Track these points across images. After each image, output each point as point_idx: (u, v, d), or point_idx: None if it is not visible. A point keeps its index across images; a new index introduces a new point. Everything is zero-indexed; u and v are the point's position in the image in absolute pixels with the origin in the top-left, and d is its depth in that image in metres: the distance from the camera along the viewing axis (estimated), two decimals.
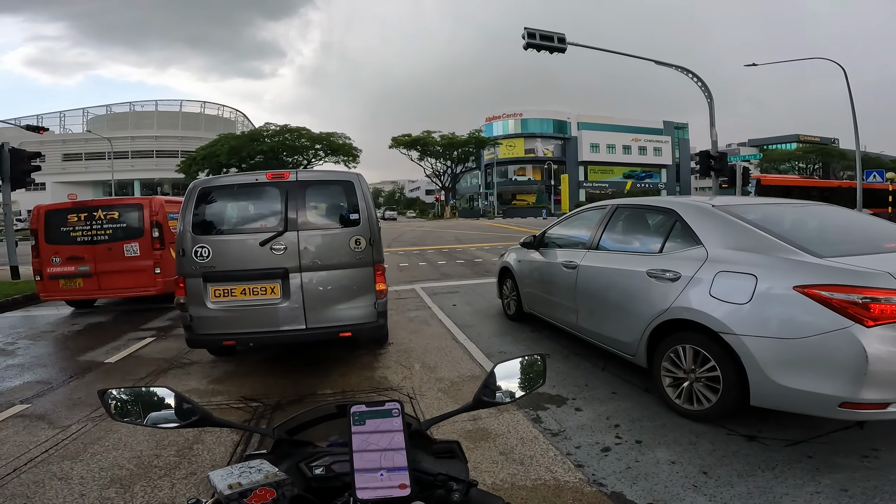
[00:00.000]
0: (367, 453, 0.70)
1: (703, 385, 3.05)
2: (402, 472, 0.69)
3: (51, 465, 2.83)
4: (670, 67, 15.90)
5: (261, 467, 0.73)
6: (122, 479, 2.66)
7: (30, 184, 11.43)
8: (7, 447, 3.07)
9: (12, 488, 2.57)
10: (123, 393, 0.93)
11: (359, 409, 0.74)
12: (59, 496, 2.50)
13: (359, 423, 0.72)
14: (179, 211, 4.16)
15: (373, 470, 0.69)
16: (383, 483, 0.68)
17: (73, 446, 3.06)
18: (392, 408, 0.74)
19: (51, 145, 49.61)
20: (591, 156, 62.21)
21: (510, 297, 6.01)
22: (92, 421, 3.42)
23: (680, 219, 3.51)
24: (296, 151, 44.14)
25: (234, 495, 0.65)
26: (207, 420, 0.92)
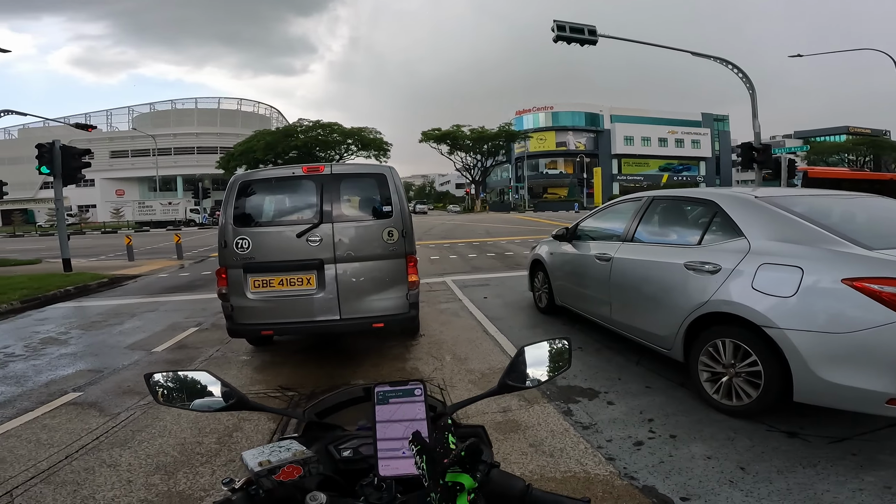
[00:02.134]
0: (389, 432, 0.72)
1: (742, 380, 2.97)
2: None
3: (101, 452, 2.93)
4: (708, 59, 15.33)
5: (290, 447, 0.76)
6: (166, 465, 2.74)
7: (80, 180, 11.99)
8: (59, 434, 3.19)
9: (63, 475, 2.66)
10: (167, 377, 0.97)
11: (382, 388, 0.75)
12: (108, 483, 2.58)
13: (382, 403, 0.74)
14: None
15: (395, 448, 0.70)
16: (405, 461, 0.69)
17: (122, 433, 3.18)
18: (414, 387, 0.75)
19: (99, 143, 51.93)
20: (625, 149, 60.73)
21: (541, 290, 5.96)
22: (140, 409, 3.56)
23: (720, 210, 3.41)
24: (328, 146, 44.85)
25: (264, 472, 0.68)
26: (243, 404, 0.96)
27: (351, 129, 45.91)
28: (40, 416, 3.49)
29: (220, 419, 3.25)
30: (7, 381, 4.25)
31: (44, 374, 4.40)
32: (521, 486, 0.70)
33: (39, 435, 3.18)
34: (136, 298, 8.25)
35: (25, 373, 4.45)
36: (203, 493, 2.45)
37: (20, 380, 4.26)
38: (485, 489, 0.70)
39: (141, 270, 11.59)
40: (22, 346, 5.36)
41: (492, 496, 0.70)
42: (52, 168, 10.91)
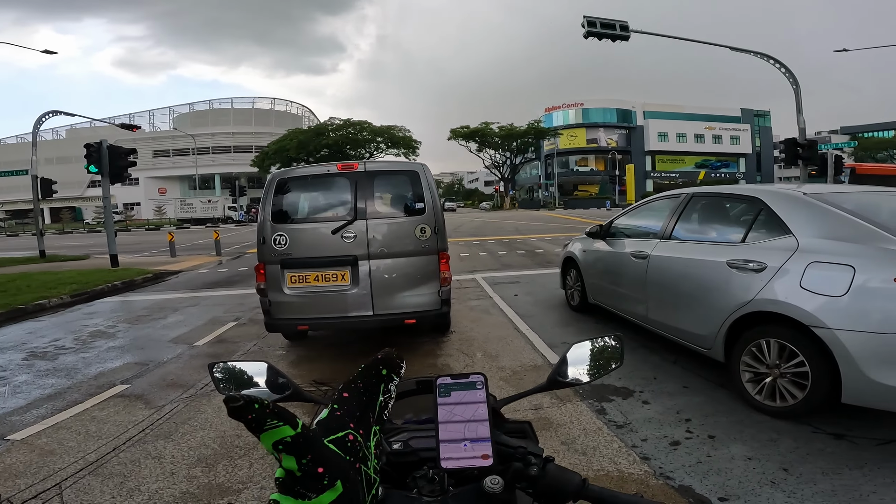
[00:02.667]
0: (451, 424, 0.72)
1: (788, 381, 2.89)
2: (486, 443, 0.70)
3: (146, 444, 3.01)
4: (748, 54, 14.78)
5: None
6: (207, 458, 2.81)
7: (126, 178, 12.49)
8: (108, 426, 3.29)
9: (111, 467, 2.74)
10: (227, 367, 1.01)
11: (444, 381, 0.75)
12: (153, 475, 2.64)
13: (444, 395, 0.74)
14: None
15: (457, 440, 0.70)
16: (466, 453, 0.69)
17: (167, 426, 3.26)
18: (476, 380, 0.75)
19: (142, 142, 54.12)
20: (660, 145, 59.22)
21: (574, 288, 5.89)
22: (183, 401, 3.65)
23: (766, 207, 3.30)
24: (359, 144, 45.45)
25: None
26: (298, 395, 0.98)
27: (380, 128, 46.38)
28: (90, 407, 3.63)
29: None
30: (58, 373, 4.46)
31: (93, 367, 4.59)
32: (577, 481, 0.69)
33: (89, 427, 3.30)
34: (179, 293, 8.57)
35: (76, 365, 4.67)
36: (241, 486, 2.50)
37: (70, 372, 4.46)
38: (539, 483, 0.70)
39: (182, 266, 12.04)
40: (72, 339, 5.63)
41: (547, 490, 0.70)
42: (100, 167, 11.36)
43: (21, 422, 3.41)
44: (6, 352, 5.21)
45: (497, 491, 0.67)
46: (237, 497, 2.41)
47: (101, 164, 11.34)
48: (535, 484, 0.70)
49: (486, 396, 0.74)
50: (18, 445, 3.04)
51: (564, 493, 0.69)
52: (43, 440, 3.11)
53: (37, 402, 3.75)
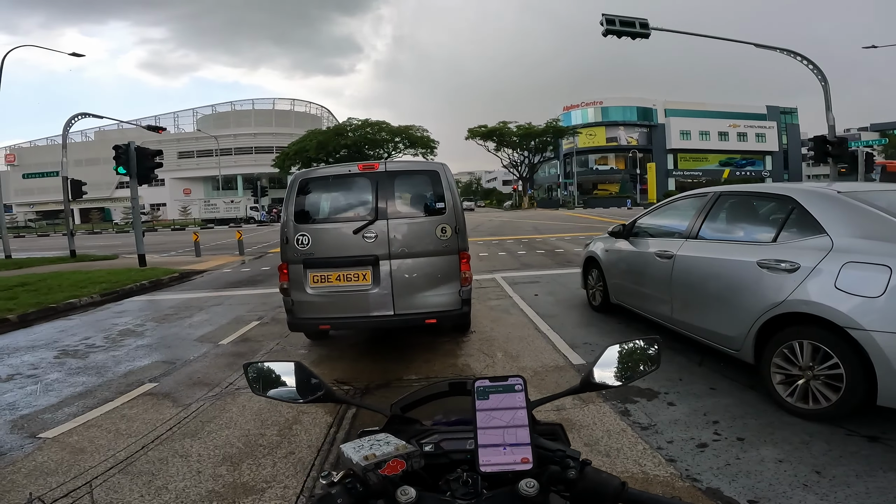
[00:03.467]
0: (489, 427, 0.71)
1: (821, 383, 2.83)
2: (525, 447, 0.70)
3: (173, 442, 3.04)
4: (774, 51, 14.40)
5: (388, 440, 0.76)
6: (232, 456, 2.84)
7: (153, 179, 12.77)
8: (137, 424, 3.33)
9: (140, 465, 2.77)
10: (261, 367, 1.02)
11: (482, 383, 0.75)
12: (179, 473, 2.66)
13: (482, 398, 0.73)
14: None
15: (495, 444, 0.70)
16: (506, 457, 0.69)
17: (193, 424, 3.30)
18: (515, 383, 0.74)
19: (167, 144, 55.33)
20: (682, 143, 57.99)
21: (595, 288, 5.82)
22: (208, 400, 3.71)
23: (798, 206, 3.22)
24: (377, 144, 45.72)
25: (371, 466, 0.69)
26: (330, 396, 0.99)
27: (398, 128, 46.57)
28: (119, 406, 3.69)
29: (281, 411, 3.38)
30: (89, 371, 4.55)
31: (122, 365, 4.68)
32: (615, 484, 0.68)
33: (118, 425, 3.35)
34: (204, 293, 8.75)
35: (106, 363, 4.78)
36: (265, 485, 2.52)
37: (101, 370, 4.55)
38: (577, 486, 0.69)
39: (207, 266, 12.30)
40: (102, 338, 5.79)
41: (584, 494, 0.69)
42: (128, 168, 11.65)
43: (53, 420, 3.48)
44: (38, 350, 5.37)
45: (532, 494, 0.66)
46: (261, 496, 2.43)
47: (129, 165, 11.63)
48: (573, 487, 0.69)
49: (526, 399, 0.74)
50: (50, 443, 3.09)
51: (602, 496, 0.68)
52: (74, 438, 3.17)
53: (68, 401, 3.83)
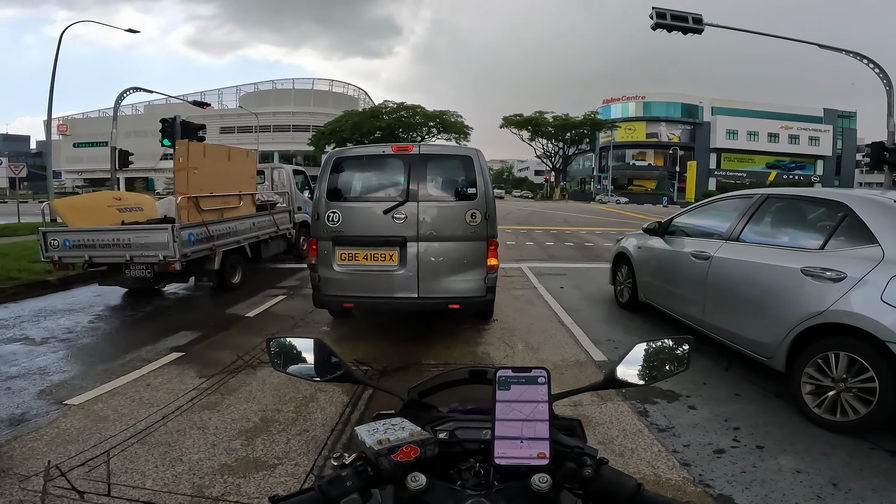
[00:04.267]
0: (509, 420, 0.69)
1: (852, 395, 2.75)
2: (543, 442, 0.67)
3: (193, 414, 3.06)
4: (839, 52, 13.58)
5: (403, 425, 0.74)
6: (247, 431, 2.85)
7: None
8: (160, 394, 3.36)
9: (158, 436, 2.77)
10: (283, 342, 1.02)
11: (505, 373, 0.72)
12: (195, 446, 2.68)
13: (504, 388, 0.71)
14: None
15: (513, 436, 0.68)
16: (522, 451, 0.67)
17: (213, 397, 3.32)
18: (538, 375, 0.71)
19: (211, 119, 56.69)
20: (727, 143, 56.06)
21: (624, 285, 5.69)
22: (230, 373, 3.74)
23: (851, 213, 3.05)
24: (411, 128, 45.73)
25: (384, 451, 0.67)
26: (349, 376, 0.97)
27: (433, 112, 46.41)
28: (145, 374, 3.73)
29: (299, 388, 3.43)
30: (120, 336, 4.68)
31: (153, 332, 4.76)
32: (631, 486, 0.66)
33: (143, 394, 3.38)
34: None
35: (137, 330, 4.91)
36: (276, 461, 2.54)
37: (131, 337, 4.66)
38: (592, 486, 0.66)
39: None
40: (136, 304, 5.98)
41: (599, 493, 0.66)
42: (173, 141, 12.04)
43: (81, 386, 3.51)
44: (76, 313, 5.53)
45: (544, 490, 0.64)
46: (272, 472, 2.45)
47: (174, 137, 12.03)
48: (587, 486, 0.66)
49: (549, 393, 0.70)
50: (75, 410, 3.12)
51: (617, 497, 0.66)
52: (98, 406, 3.19)
53: (97, 367, 3.89)
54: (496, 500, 0.64)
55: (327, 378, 0.96)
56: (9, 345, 4.39)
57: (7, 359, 4.03)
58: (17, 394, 3.36)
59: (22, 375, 3.68)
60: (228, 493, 2.27)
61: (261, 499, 2.22)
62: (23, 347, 4.33)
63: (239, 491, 2.29)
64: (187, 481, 2.35)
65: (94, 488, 2.24)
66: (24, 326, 4.95)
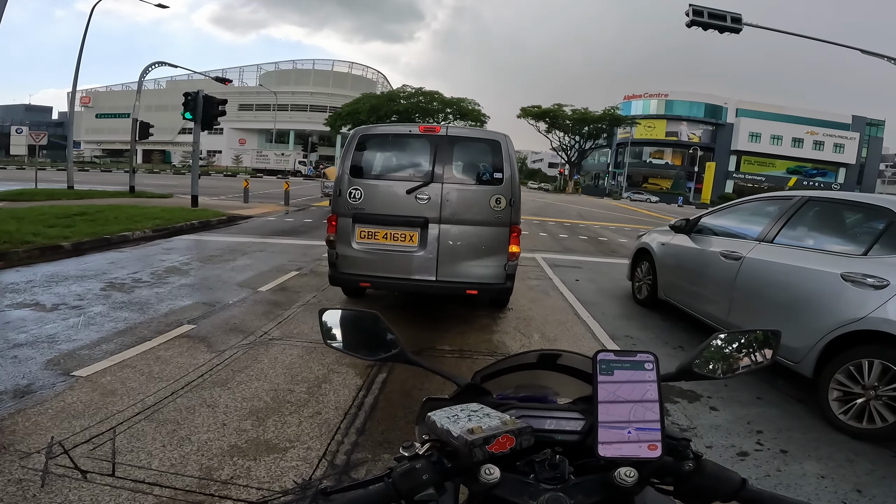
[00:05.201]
0: (613, 408, 0.62)
1: (882, 403, 2.73)
2: (654, 433, 0.60)
3: (203, 390, 2.96)
4: (881, 58, 13.09)
5: (486, 412, 0.68)
6: (258, 411, 2.76)
7: (215, 127, 13.22)
8: (170, 368, 3.25)
9: (166, 413, 2.67)
10: (337, 314, 0.94)
11: (607, 356, 0.65)
12: (205, 424, 2.58)
13: (606, 373, 0.64)
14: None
15: (620, 427, 0.61)
16: (630, 441, 0.60)
17: (224, 373, 3.22)
18: (645, 360, 0.64)
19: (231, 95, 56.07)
20: (750, 146, 54.93)
21: (643, 281, 5.58)
22: (241, 348, 3.65)
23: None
24: (428, 113, 45.38)
25: (479, 441, 0.59)
26: (403, 357, 0.90)
27: (450, 99, 46.01)
28: (156, 346, 3.61)
29: (312, 368, 3.37)
30: (132, 306, 4.51)
31: (164, 303, 4.65)
32: (736, 481, 0.60)
33: (152, 367, 3.26)
34: (249, 237, 9.00)
35: (149, 300, 4.74)
36: (288, 444, 2.45)
37: (143, 307, 4.52)
38: (692, 481, 0.61)
39: (253, 212, 12.67)
40: (149, 273, 5.92)
41: (698, 489, 0.61)
42: (195, 114, 12.18)
43: (89, 356, 3.37)
44: (87, 280, 5.43)
45: (629, 485, 0.58)
46: (283, 455, 2.36)
47: (196, 111, 12.16)
48: (686, 482, 0.61)
49: (658, 378, 0.63)
50: (82, 383, 2.98)
51: (718, 493, 0.60)
52: (107, 378, 3.06)
53: (107, 337, 3.75)
54: (573, 494, 0.59)
55: (381, 357, 0.89)
56: (19, 310, 4.26)
57: (16, 325, 3.87)
58: (23, 363, 3.19)
59: (30, 343, 3.52)
60: (238, 477, 2.16)
61: (271, 483, 2.13)
62: (33, 313, 4.18)
63: (249, 475, 2.18)
64: (195, 462, 2.25)
65: (98, 468, 2.14)
66: (34, 291, 4.85)
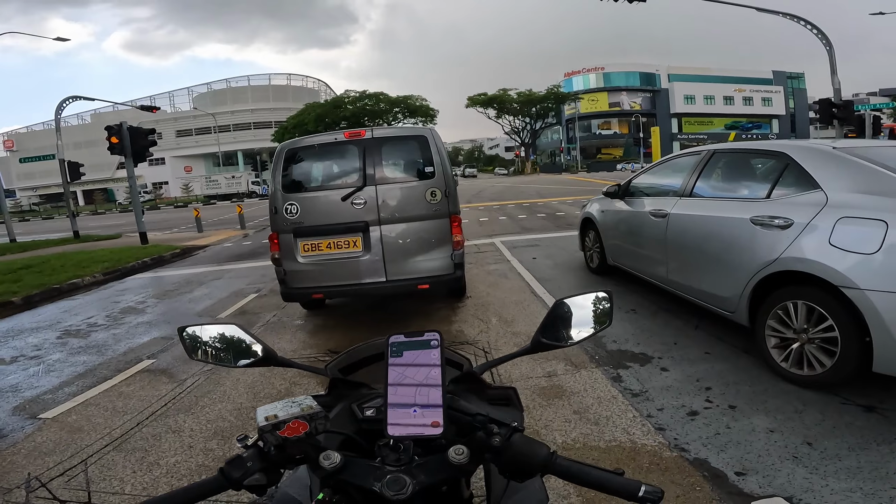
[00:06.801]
0: (401, 387, 0.67)
1: (816, 347, 2.70)
2: (437, 410, 0.65)
3: (167, 418, 3.06)
4: (776, 15, 13.99)
5: (302, 402, 0.72)
6: (223, 430, 2.85)
7: (149, 157, 12.71)
8: (133, 402, 3.36)
9: (134, 442, 2.79)
10: (199, 330, 0.96)
11: (397, 339, 0.69)
12: (172, 448, 2.69)
13: (396, 355, 0.68)
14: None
15: (406, 405, 0.66)
16: (415, 420, 0.65)
17: (187, 399, 3.31)
18: (431, 338, 0.69)
19: (165, 123, 54.67)
20: (686, 108, 57.89)
21: (593, 250, 5.78)
22: (203, 374, 3.70)
23: (793, 162, 3.09)
24: (376, 115, 44.99)
25: (268, 427, 0.66)
26: (272, 359, 0.93)
27: (397, 98, 45.74)
28: (117, 383, 3.71)
29: (274, 384, 3.40)
30: (89, 350, 4.56)
31: (122, 343, 4.69)
32: (544, 453, 0.64)
33: (115, 402, 3.37)
34: (205, 267, 8.80)
35: (106, 342, 4.79)
36: None
37: (101, 349, 4.58)
38: (505, 454, 0.65)
39: (209, 241, 12.32)
40: (104, 316, 5.81)
41: (512, 462, 0.65)
42: (123, 148, 11.64)
43: (53, 400, 3.51)
44: (42, 331, 5.39)
45: (462, 461, 0.63)
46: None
47: (124, 144, 11.63)
48: (500, 456, 0.65)
49: (441, 357, 0.68)
50: (50, 423, 3.13)
51: (531, 465, 0.64)
52: (72, 417, 3.20)
53: (69, 380, 3.86)
54: (416, 474, 0.63)
55: (248, 363, 0.92)
56: None
57: None
58: None
59: None
60: None
61: (240, 496, 2.18)
62: None
63: None
64: (166, 484, 2.36)
65: (75, 497, 2.29)
66: None
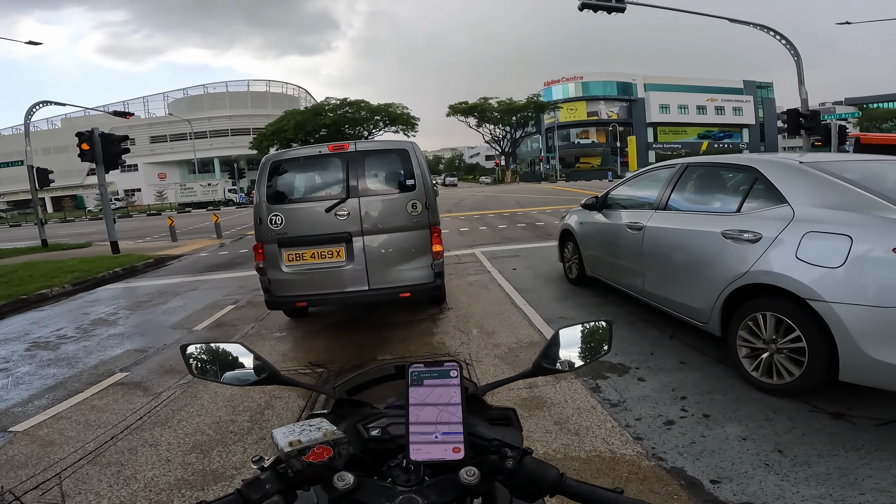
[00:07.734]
0: (422, 415, 0.69)
1: (785, 357, 2.79)
2: (457, 436, 0.68)
3: (143, 432, 3.02)
4: (747, 26, 14.61)
5: (320, 426, 0.74)
6: (202, 444, 2.82)
7: (122, 165, 12.40)
8: (107, 415, 3.30)
9: (109, 456, 2.75)
10: (202, 349, 0.98)
11: (417, 368, 0.72)
12: (149, 462, 2.65)
13: (416, 384, 0.71)
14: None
15: (427, 432, 0.68)
16: (437, 446, 0.67)
17: (164, 413, 3.26)
18: (450, 368, 0.72)
19: (139, 129, 53.51)
20: (661, 117, 59.11)
21: (571, 261, 5.87)
22: (180, 387, 3.67)
23: (761, 176, 3.22)
24: (357, 123, 44.91)
25: (294, 452, 0.67)
26: (275, 378, 0.94)
27: (378, 106, 45.74)
28: (90, 396, 3.64)
29: (253, 397, 3.35)
30: (60, 362, 4.46)
31: (93, 356, 4.59)
32: (554, 475, 0.67)
33: (88, 416, 3.31)
34: (179, 278, 8.61)
35: (76, 354, 4.67)
36: (234, 472, 2.51)
37: (72, 361, 4.47)
38: (516, 477, 0.67)
39: (184, 250, 12.05)
40: (74, 328, 5.65)
41: (523, 484, 0.68)
42: (94, 155, 11.31)
43: (23, 413, 3.44)
44: (10, 343, 5.24)
45: (473, 483, 0.65)
46: (231, 482, 2.41)
47: (95, 151, 11.31)
48: (512, 477, 0.68)
49: (461, 384, 0.72)
50: (21, 437, 3.06)
51: (541, 487, 0.67)
52: (44, 431, 3.14)
53: (39, 393, 3.78)
54: (427, 495, 0.65)
55: (251, 382, 0.93)
56: None
57: None
58: None
59: None
60: None
61: None
62: None
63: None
64: (144, 498, 2.32)
65: None
66: None
